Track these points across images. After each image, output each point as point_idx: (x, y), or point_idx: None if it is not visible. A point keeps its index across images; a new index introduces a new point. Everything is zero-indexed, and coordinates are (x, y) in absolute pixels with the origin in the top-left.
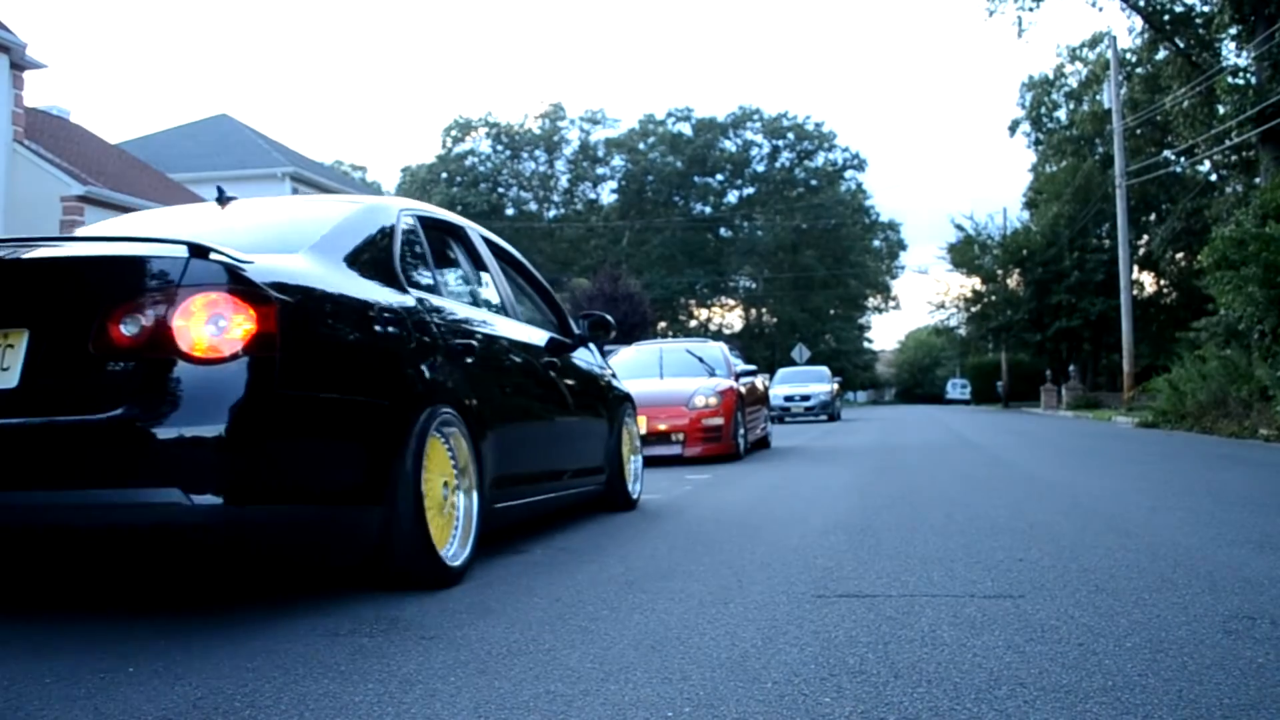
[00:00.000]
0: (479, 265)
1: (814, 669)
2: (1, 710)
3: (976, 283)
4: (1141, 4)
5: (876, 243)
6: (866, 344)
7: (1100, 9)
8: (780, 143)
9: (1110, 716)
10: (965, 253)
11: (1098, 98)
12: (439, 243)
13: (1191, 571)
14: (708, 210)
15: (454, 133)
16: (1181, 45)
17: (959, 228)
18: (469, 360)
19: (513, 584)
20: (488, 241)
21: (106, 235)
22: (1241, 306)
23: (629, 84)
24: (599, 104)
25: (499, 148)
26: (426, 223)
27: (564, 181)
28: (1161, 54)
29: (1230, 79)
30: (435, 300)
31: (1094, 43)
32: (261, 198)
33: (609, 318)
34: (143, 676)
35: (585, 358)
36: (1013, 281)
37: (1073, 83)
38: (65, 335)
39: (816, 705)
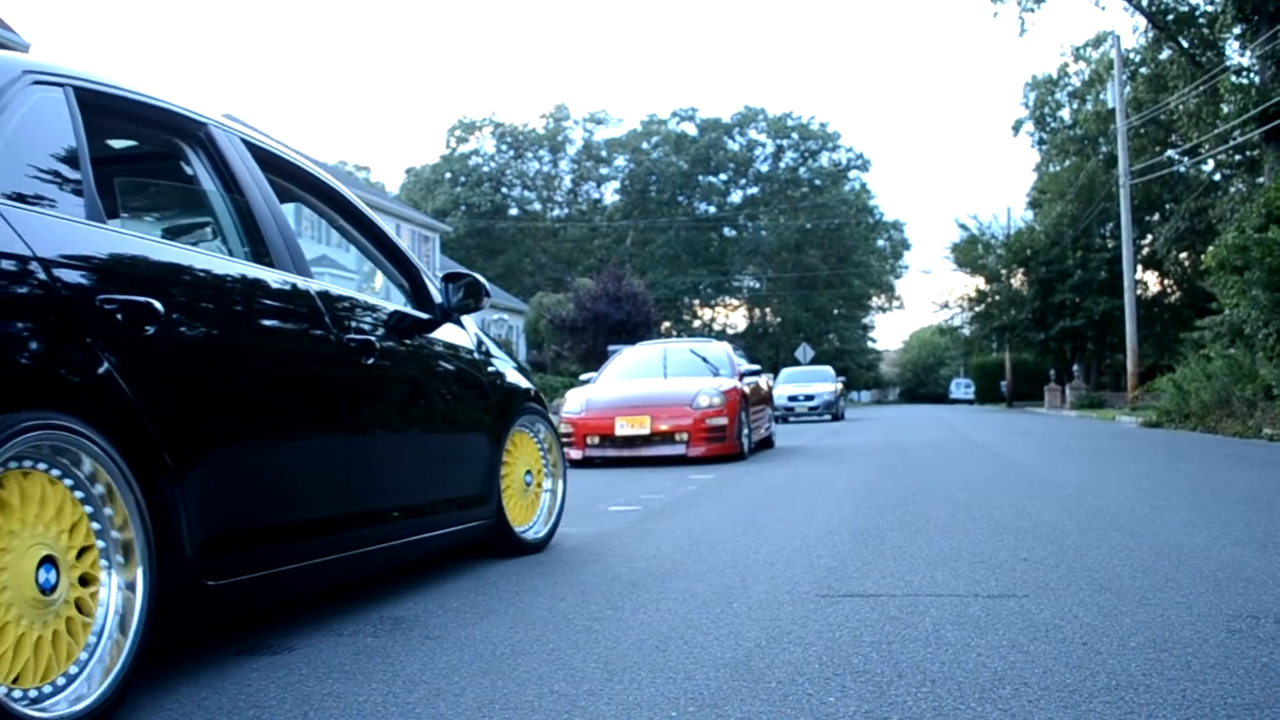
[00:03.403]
0: (230, 187)
1: (818, 669)
2: None
3: (980, 282)
4: (1145, 4)
5: (880, 242)
6: (870, 344)
7: (1104, 8)
8: (784, 142)
9: (1114, 716)
10: (969, 252)
11: (1101, 97)
12: (131, 140)
13: (1195, 571)
14: (712, 210)
15: (458, 133)
16: (1185, 45)
17: (963, 227)
18: (145, 331)
19: (516, 584)
20: (256, 151)
21: None
22: (1246, 309)
23: (633, 84)
24: (603, 104)
25: (503, 148)
26: (96, 103)
27: (568, 181)
28: (1165, 53)
29: (1234, 78)
30: (65, 224)
31: (1097, 42)
32: None
33: (480, 279)
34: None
35: (453, 338)
36: (1017, 281)
37: (1076, 82)
38: None
39: (820, 705)
